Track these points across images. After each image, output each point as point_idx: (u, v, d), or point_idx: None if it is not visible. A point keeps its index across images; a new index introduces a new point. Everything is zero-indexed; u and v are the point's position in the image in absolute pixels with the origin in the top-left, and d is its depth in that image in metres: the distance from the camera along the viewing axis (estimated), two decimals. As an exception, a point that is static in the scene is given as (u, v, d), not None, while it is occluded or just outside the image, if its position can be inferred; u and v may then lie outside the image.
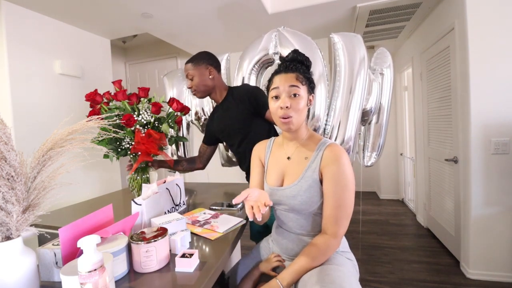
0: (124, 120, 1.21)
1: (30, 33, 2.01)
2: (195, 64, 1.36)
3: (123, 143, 1.28)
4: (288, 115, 0.86)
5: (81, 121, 0.71)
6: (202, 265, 0.73)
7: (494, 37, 1.82)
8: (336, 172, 0.83)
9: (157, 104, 1.31)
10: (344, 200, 0.83)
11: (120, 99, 1.29)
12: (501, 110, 1.83)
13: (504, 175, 1.84)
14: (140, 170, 1.37)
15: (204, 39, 2.88)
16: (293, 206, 0.89)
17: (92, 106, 1.30)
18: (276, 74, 0.91)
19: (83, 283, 0.52)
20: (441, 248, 2.40)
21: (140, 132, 1.24)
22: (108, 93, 1.33)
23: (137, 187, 1.36)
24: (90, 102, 1.29)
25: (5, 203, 0.57)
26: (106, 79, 2.70)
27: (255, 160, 1.05)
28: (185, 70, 1.38)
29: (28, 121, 1.97)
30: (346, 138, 1.48)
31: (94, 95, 1.28)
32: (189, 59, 1.38)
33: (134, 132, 1.25)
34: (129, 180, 1.38)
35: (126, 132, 1.25)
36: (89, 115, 1.25)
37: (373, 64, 1.73)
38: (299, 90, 0.86)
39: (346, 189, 0.83)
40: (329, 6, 2.25)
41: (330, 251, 0.84)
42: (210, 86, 1.38)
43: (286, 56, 0.96)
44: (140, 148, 1.22)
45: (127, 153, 1.30)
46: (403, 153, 3.73)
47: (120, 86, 1.37)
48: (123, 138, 1.27)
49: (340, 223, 0.83)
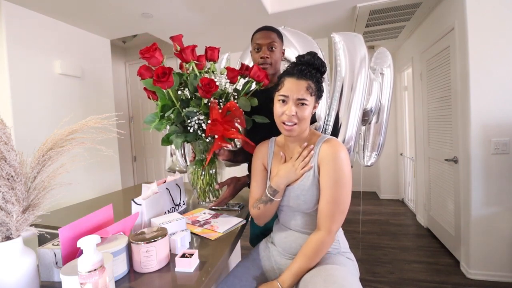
0: (202, 85, 0.89)
1: (30, 33, 2.01)
2: (279, 37, 1.18)
3: (191, 123, 0.94)
4: (292, 122, 0.85)
5: (81, 121, 0.71)
6: (202, 265, 0.73)
7: (494, 37, 1.82)
8: (332, 166, 0.83)
9: (233, 70, 1.01)
10: (339, 195, 0.82)
11: (188, 59, 0.98)
12: (501, 110, 1.83)
13: (504, 175, 1.84)
14: (200, 163, 1.05)
15: (204, 39, 2.88)
16: (298, 206, 0.89)
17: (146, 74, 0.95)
18: (288, 76, 0.87)
19: (83, 283, 0.51)
20: (441, 248, 2.40)
21: (217, 106, 0.93)
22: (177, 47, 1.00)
23: (200, 184, 1.08)
24: (147, 61, 0.95)
25: (5, 203, 0.57)
26: (106, 79, 2.70)
27: (257, 165, 1.01)
28: (267, 37, 1.15)
29: (28, 121, 1.97)
30: (347, 137, 1.48)
31: (153, 50, 0.93)
32: (269, 27, 1.18)
33: (208, 107, 0.94)
34: (191, 174, 1.11)
35: (199, 106, 0.90)
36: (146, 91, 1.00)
37: (373, 64, 1.73)
38: (306, 101, 0.84)
39: (342, 184, 0.82)
40: (329, 6, 2.25)
41: (325, 248, 0.84)
42: (279, 67, 1.20)
43: (302, 56, 0.91)
44: (217, 129, 0.90)
45: (198, 136, 0.96)
46: (403, 153, 3.73)
47: (181, 43, 1.04)
48: (192, 116, 0.93)
49: (334, 218, 0.82)
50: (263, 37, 1.17)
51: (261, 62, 1.17)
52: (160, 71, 0.90)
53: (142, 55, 0.95)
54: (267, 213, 0.94)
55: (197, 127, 0.96)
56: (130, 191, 1.77)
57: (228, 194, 1.14)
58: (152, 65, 0.98)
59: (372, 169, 4.22)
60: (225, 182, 1.16)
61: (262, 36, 1.17)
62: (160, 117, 0.98)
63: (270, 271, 0.96)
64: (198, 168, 1.09)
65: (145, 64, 1.01)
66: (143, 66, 1.00)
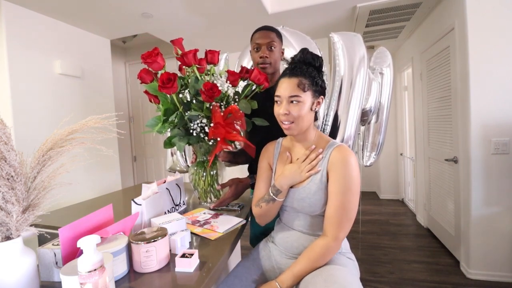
0: (205, 90, 0.90)
1: (30, 33, 2.01)
2: (278, 37, 1.18)
3: (193, 126, 0.97)
4: (288, 121, 0.86)
5: (81, 121, 0.71)
6: (202, 265, 0.73)
7: (494, 37, 1.82)
8: (342, 173, 0.82)
9: (234, 73, 1.02)
10: (348, 203, 0.82)
11: (191, 63, 0.98)
12: (501, 110, 1.83)
13: (504, 175, 1.84)
14: (201, 164, 1.07)
15: (204, 39, 2.88)
16: (302, 208, 0.89)
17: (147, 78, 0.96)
18: (282, 77, 0.89)
19: (83, 283, 0.51)
20: (441, 248, 2.40)
21: (219, 110, 0.95)
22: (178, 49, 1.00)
23: (201, 185, 1.09)
24: (149, 66, 0.96)
25: (5, 203, 0.57)
26: (106, 79, 2.70)
27: (264, 164, 1.02)
28: (266, 37, 1.15)
29: (28, 121, 1.97)
30: (345, 137, 1.48)
31: (155, 55, 0.94)
32: (268, 27, 1.18)
33: (210, 110, 0.95)
34: (192, 175, 1.12)
35: (201, 109, 0.92)
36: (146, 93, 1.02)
37: (373, 64, 1.73)
38: (299, 98, 0.85)
39: (351, 192, 0.82)
40: (329, 6, 2.25)
41: (330, 254, 0.84)
42: (278, 67, 1.21)
43: (294, 56, 0.93)
44: (220, 132, 0.92)
45: (200, 139, 0.98)
46: (403, 153, 3.73)
47: (182, 47, 1.04)
48: (195, 119, 0.94)
49: (342, 226, 0.82)
50: (262, 36, 1.17)
51: (261, 61, 1.18)
52: (165, 77, 0.90)
53: (144, 60, 0.95)
54: (269, 213, 0.94)
55: (200, 130, 0.97)
56: (130, 191, 1.77)
57: (229, 195, 1.15)
58: (154, 70, 0.98)
59: (372, 169, 4.22)
60: (227, 184, 1.16)
61: (262, 35, 1.17)
62: (163, 121, 0.98)
63: (270, 270, 0.96)
64: (200, 170, 1.10)
65: (145, 68, 1.01)
66: (143, 70, 1.00)
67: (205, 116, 0.97)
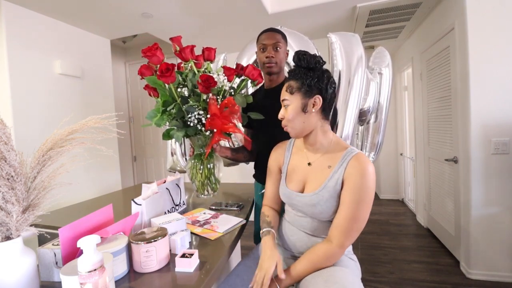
0: (202, 81, 0.94)
1: (30, 33, 2.01)
2: (284, 38, 1.22)
3: (191, 118, 0.99)
4: (284, 125, 0.91)
5: (81, 121, 0.71)
6: (202, 265, 0.73)
7: (494, 37, 1.82)
8: (358, 183, 0.80)
9: (229, 68, 1.07)
10: (359, 213, 0.80)
11: (188, 58, 1.04)
12: (501, 110, 1.83)
13: (504, 175, 1.84)
14: (198, 157, 1.10)
15: (204, 38, 2.88)
16: (312, 214, 0.88)
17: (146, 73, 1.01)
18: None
19: (83, 283, 0.52)
20: (441, 248, 2.40)
21: (216, 102, 0.98)
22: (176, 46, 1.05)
23: (199, 177, 1.11)
24: (149, 59, 1.00)
25: (5, 203, 0.57)
26: (106, 79, 2.70)
27: (273, 166, 1.04)
28: (272, 38, 1.19)
29: (28, 121, 1.97)
30: (343, 136, 1.48)
31: (154, 49, 0.98)
32: (274, 29, 1.23)
33: (207, 102, 0.99)
34: (190, 169, 1.14)
35: (198, 102, 0.95)
36: (146, 88, 1.06)
37: (372, 64, 1.73)
38: (287, 101, 0.88)
39: (365, 202, 0.80)
40: (329, 6, 2.25)
41: (333, 260, 0.83)
42: (283, 67, 1.26)
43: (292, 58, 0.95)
44: (216, 123, 0.95)
45: (197, 130, 1.01)
46: (403, 153, 3.73)
47: (180, 44, 1.09)
48: (192, 111, 0.98)
49: (350, 235, 0.81)
50: (268, 37, 1.21)
51: (267, 61, 1.21)
52: (164, 67, 0.95)
53: (144, 53, 1.00)
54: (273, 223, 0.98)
55: (197, 122, 1.00)
56: (130, 191, 1.78)
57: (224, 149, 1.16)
58: (153, 63, 1.02)
59: (372, 169, 4.22)
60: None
61: (268, 36, 1.21)
62: (162, 112, 1.02)
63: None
64: (197, 162, 1.13)
65: (145, 64, 1.05)
66: (143, 66, 1.05)
67: (202, 108, 1.01)
